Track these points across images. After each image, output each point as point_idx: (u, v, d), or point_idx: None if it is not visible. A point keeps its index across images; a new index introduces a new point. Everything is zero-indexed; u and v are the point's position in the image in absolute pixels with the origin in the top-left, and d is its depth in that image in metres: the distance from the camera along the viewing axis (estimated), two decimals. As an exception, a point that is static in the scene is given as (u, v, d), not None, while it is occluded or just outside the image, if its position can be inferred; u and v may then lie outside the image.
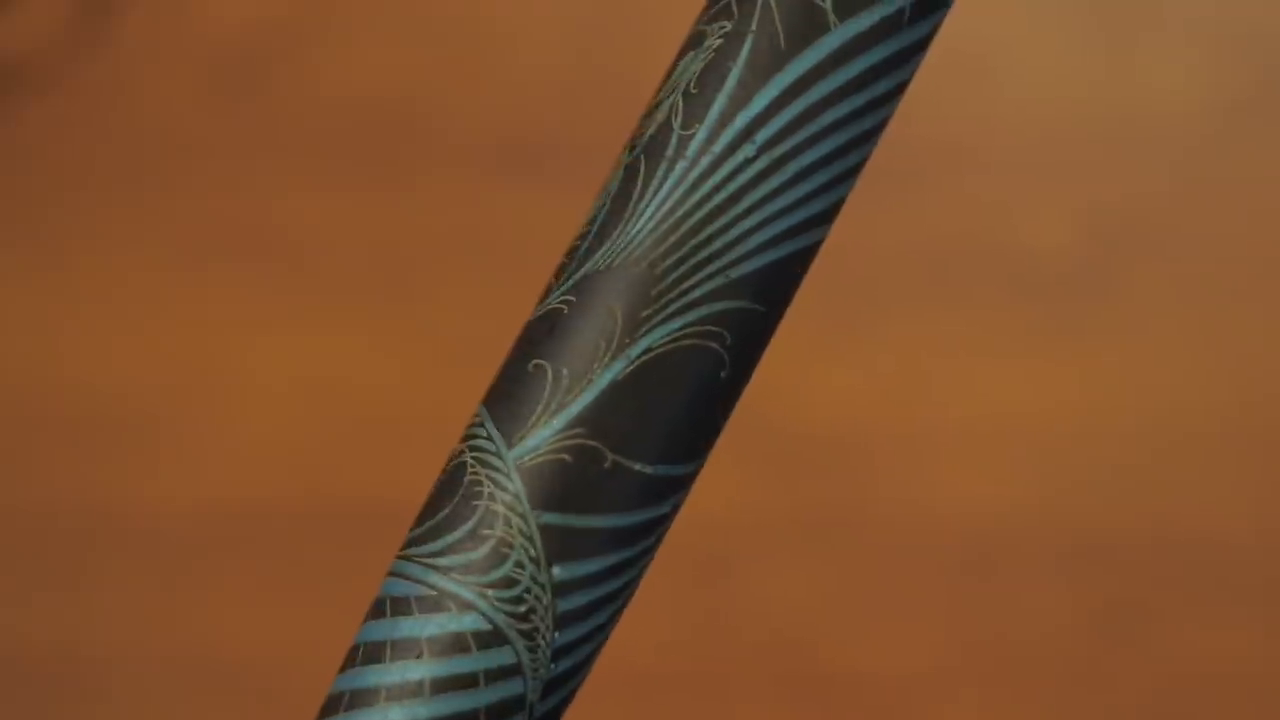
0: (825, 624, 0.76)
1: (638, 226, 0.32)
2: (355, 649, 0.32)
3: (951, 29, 0.34)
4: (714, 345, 0.32)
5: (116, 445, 0.79)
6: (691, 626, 0.76)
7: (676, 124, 0.32)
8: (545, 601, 0.31)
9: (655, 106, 0.32)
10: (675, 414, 0.32)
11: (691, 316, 0.32)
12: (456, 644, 0.31)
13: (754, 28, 0.32)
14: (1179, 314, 0.78)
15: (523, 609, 0.31)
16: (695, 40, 0.32)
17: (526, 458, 0.31)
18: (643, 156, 0.32)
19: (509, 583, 0.31)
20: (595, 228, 0.32)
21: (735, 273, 0.32)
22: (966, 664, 0.76)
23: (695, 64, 0.32)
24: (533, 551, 0.31)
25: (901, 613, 0.77)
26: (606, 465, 0.31)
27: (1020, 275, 0.78)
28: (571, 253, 0.32)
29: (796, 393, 0.77)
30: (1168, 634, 0.75)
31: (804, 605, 0.76)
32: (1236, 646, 0.75)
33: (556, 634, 0.31)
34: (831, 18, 0.32)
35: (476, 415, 0.32)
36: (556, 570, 0.31)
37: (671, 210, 0.32)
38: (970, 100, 0.80)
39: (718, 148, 0.32)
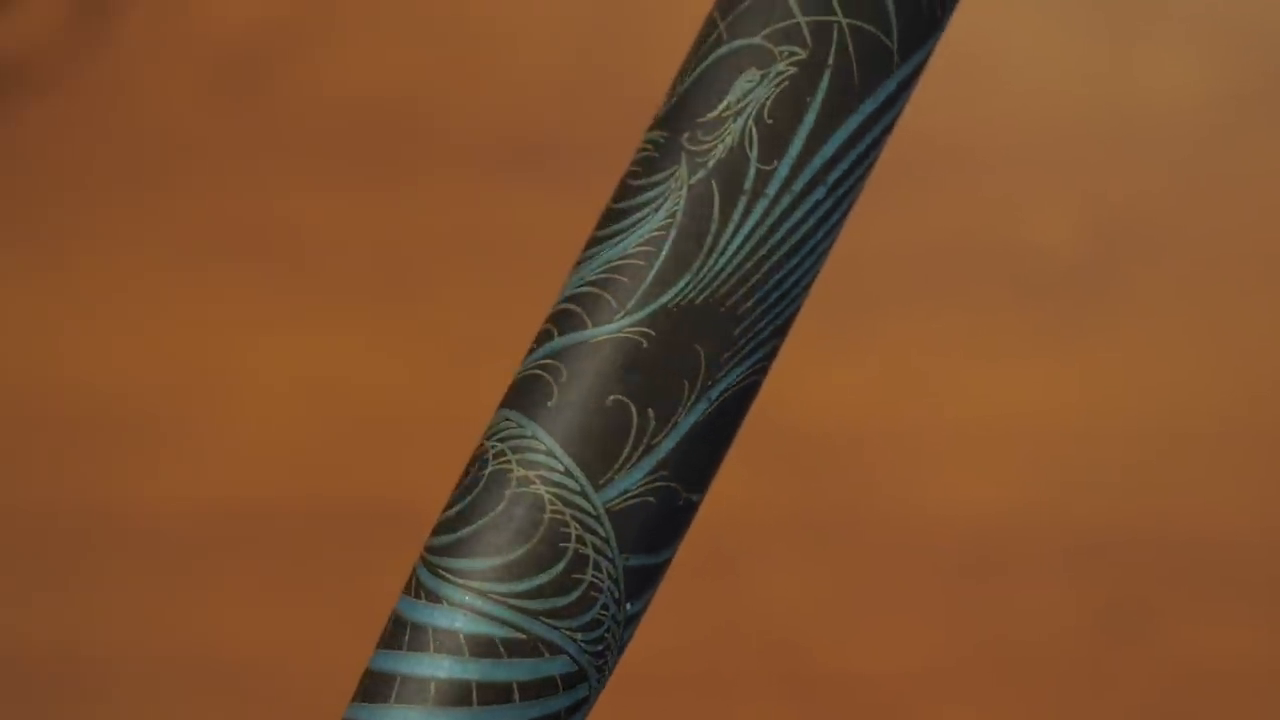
0: (825, 624, 0.76)
1: (721, 263, 0.32)
2: (424, 684, 0.31)
3: (954, 25, 0.34)
4: (761, 380, 0.33)
5: (116, 445, 0.79)
6: (690, 627, 0.76)
7: (753, 155, 0.32)
8: (617, 636, 0.32)
9: (718, 122, 0.32)
10: (728, 446, 0.33)
11: (758, 355, 0.32)
12: (548, 686, 0.31)
13: (831, 62, 0.32)
14: (1181, 311, 0.78)
15: (600, 647, 0.32)
16: (756, 57, 0.32)
17: (615, 502, 0.31)
18: (715, 183, 0.32)
19: (595, 624, 0.31)
20: (666, 251, 0.31)
21: (788, 311, 0.32)
22: (967, 664, 0.76)
23: (765, 89, 0.32)
24: (616, 594, 0.32)
25: (901, 613, 0.77)
26: (680, 503, 0.32)
27: (1023, 273, 0.78)
28: (627, 270, 0.32)
29: (797, 392, 0.77)
30: (1169, 633, 0.75)
31: (803, 605, 0.76)
32: (1239, 645, 0.75)
33: (615, 660, 0.32)
34: (896, 58, 0.32)
35: (538, 441, 0.31)
36: (628, 606, 0.32)
37: (754, 250, 0.32)
38: (972, 97, 0.80)
39: (797, 187, 0.32)
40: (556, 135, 0.80)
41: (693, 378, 0.32)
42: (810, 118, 0.32)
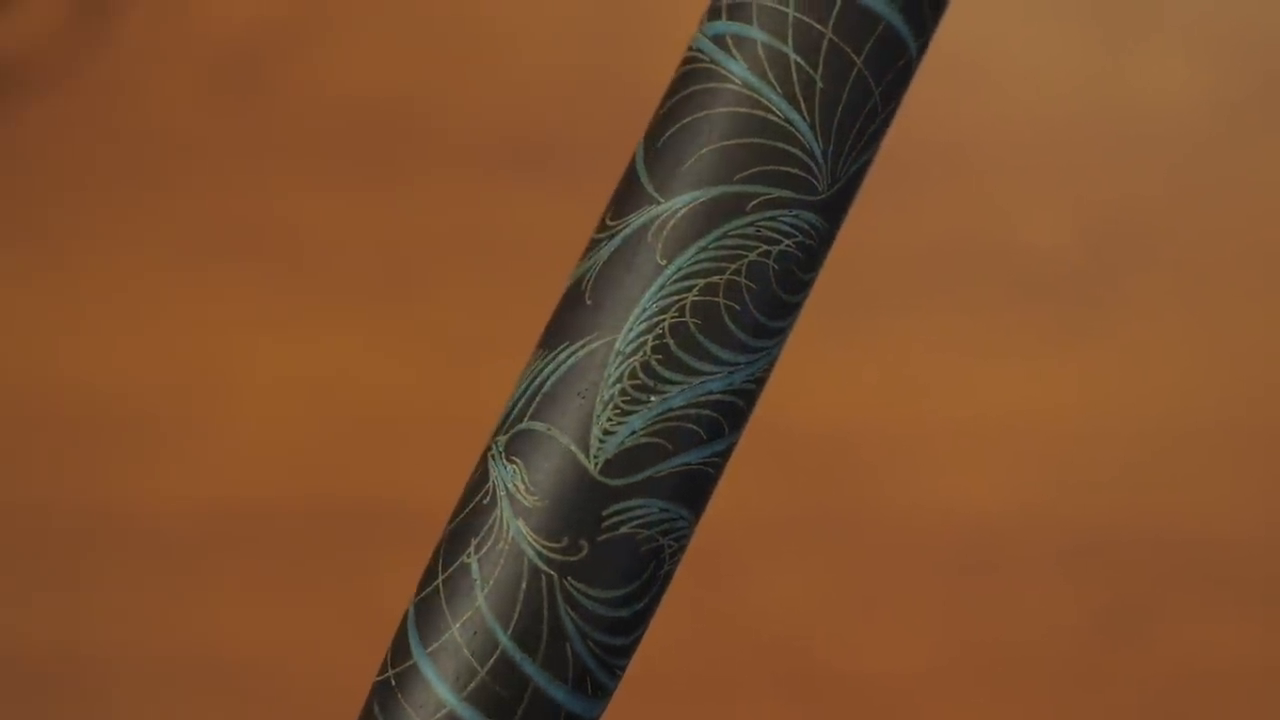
0: (824, 624, 0.76)
1: None
2: None
3: (949, 30, 0.34)
4: None
5: (116, 445, 0.79)
6: (690, 626, 0.76)
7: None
8: None
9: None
10: None
11: None
12: None
13: None
14: (1178, 313, 0.78)
15: None
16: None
17: None
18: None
19: None
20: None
21: None
22: (966, 664, 0.76)
23: None
24: None
25: (901, 613, 0.77)
26: None
27: (1019, 275, 0.78)
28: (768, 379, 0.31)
29: (795, 393, 0.77)
30: (1168, 633, 0.75)
31: (803, 605, 0.76)
32: (1237, 644, 0.75)
33: None
34: None
35: (677, 518, 0.31)
36: None
37: None
38: (968, 100, 0.80)
39: None
40: (557, 135, 0.80)
41: None
42: None
